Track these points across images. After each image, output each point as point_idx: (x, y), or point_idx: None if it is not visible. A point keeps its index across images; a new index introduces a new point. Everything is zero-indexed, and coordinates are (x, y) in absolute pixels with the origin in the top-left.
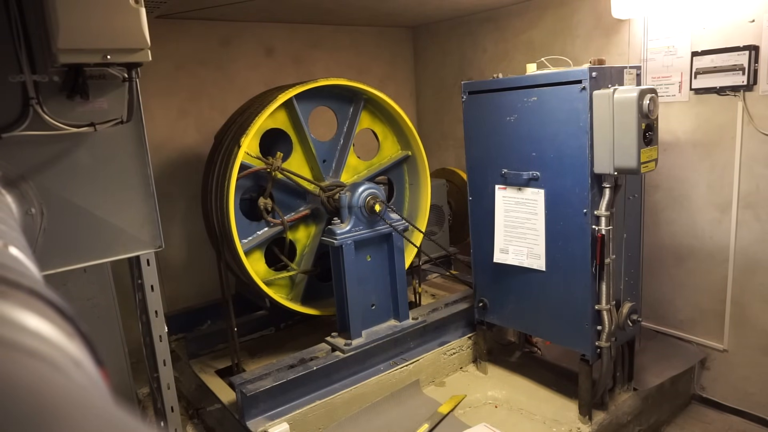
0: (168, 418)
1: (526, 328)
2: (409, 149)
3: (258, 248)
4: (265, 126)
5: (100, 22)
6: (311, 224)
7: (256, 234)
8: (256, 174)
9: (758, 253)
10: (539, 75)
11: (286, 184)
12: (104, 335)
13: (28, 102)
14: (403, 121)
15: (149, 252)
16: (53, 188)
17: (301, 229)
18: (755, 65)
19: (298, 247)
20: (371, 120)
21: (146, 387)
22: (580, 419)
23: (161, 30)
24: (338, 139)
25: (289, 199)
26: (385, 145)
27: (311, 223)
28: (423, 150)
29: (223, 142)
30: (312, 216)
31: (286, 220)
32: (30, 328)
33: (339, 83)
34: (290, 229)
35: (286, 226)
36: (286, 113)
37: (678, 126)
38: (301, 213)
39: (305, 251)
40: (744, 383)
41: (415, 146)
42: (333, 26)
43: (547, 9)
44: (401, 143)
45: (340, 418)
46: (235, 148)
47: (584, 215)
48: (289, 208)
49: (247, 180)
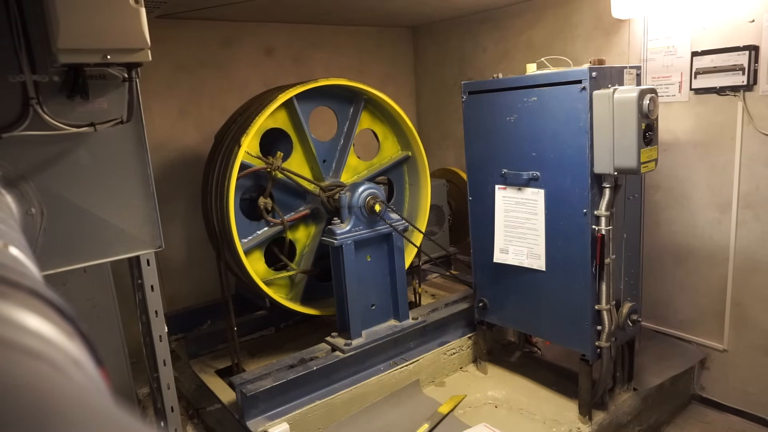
0: (168, 418)
1: (526, 328)
2: (409, 150)
3: (258, 248)
4: (266, 126)
5: (100, 22)
6: (311, 224)
7: (255, 234)
8: (256, 174)
9: (758, 253)
10: (539, 75)
11: (286, 183)
12: (104, 335)
13: (28, 102)
14: (403, 121)
15: (149, 252)
16: (53, 188)
17: (301, 229)
18: (755, 65)
19: (298, 247)
20: (371, 120)
21: (146, 387)
22: (580, 419)
23: (161, 30)
24: (338, 139)
25: (289, 198)
26: (386, 146)
27: (311, 223)
28: (423, 150)
29: (223, 142)
30: (312, 216)
31: (286, 219)
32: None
33: (339, 83)
34: (290, 228)
35: (285, 226)
36: (287, 113)
37: (678, 126)
38: (301, 213)
39: (305, 251)
40: (744, 383)
41: (415, 146)
42: (333, 26)
43: (547, 9)
44: (401, 144)
45: (340, 418)
46: (236, 148)
47: (584, 215)
48: (289, 208)
49: (247, 180)
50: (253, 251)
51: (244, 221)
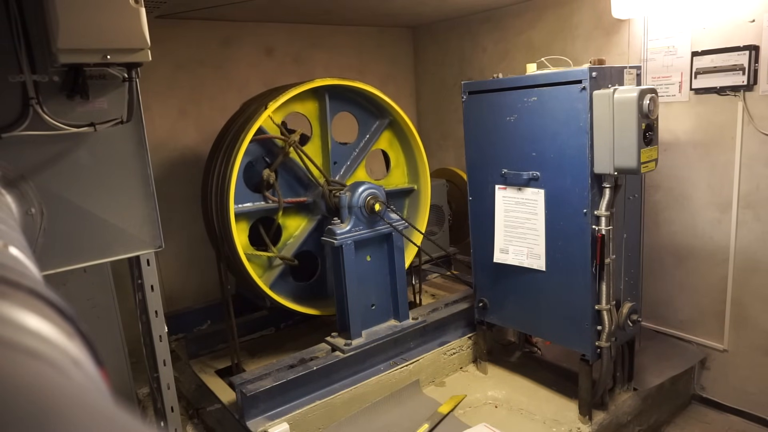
0: (168, 418)
1: (526, 328)
2: (416, 184)
3: (246, 218)
4: (293, 108)
5: (100, 22)
6: (304, 216)
7: (250, 203)
8: (268, 147)
9: (758, 253)
10: (539, 75)
11: (294, 168)
12: (104, 335)
13: (28, 102)
14: (420, 153)
15: (149, 252)
16: (53, 188)
17: (293, 217)
18: (755, 65)
19: (285, 234)
20: (389, 142)
21: (146, 387)
22: (580, 419)
23: (161, 30)
24: (354, 147)
25: (292, 183)
26: (396, 173)
27: (305, 215)
28: (429, 185)
29: (226, 136)
30: (308, 207)
31: (283, 200)
32: (30, 328)
33: (373, 93)
34: (283, 212)
35: (281, 206)
36: (317, 104)
37: (678, 126)
38: (300, 199)
39: (290, 240)
40: (744, 383)
41: (423, 181)
42: (333, 26)
43: (547, 9)
44: (410, 176)
45: (339, 418)
46: (262, 109)
47: (584, 215)
48: (290, 193)
49: (258, 148)
50: (241, 220)
51: (243, 187)
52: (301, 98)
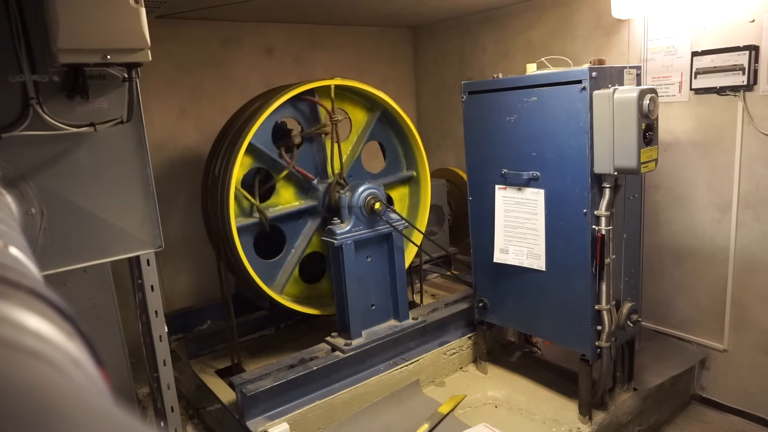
0: (168, 418)
1: (526, 328)
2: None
3: (251, 157)
4: (345, 105)
5: (100, 22)
6: (300, 197)
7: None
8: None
9: (758, 253)
10: (539, 75)
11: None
12: (104, 335)
13: (28, 102)
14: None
15: (149, 252)
16: (53, 188)
17: (289, 190)
18: (755, 65)
19: (274, 198)
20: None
21: (146, 387)
22: (580, 419)
23: (161, 30)
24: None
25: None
26: None
27: (301, 196)
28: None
29: (227, 135)
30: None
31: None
32: (30, 328)
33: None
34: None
35: (290, 167)
36: (366, 117)
37: (678, 126)
38: (309, 175)
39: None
40: (744, 383)
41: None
42: (333, 26)
43: (547, 9)
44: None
45: (340, 418)
46: (328, 78)
47: (584, 215)
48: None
49: (293, 111)
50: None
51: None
52: (357, 103)
